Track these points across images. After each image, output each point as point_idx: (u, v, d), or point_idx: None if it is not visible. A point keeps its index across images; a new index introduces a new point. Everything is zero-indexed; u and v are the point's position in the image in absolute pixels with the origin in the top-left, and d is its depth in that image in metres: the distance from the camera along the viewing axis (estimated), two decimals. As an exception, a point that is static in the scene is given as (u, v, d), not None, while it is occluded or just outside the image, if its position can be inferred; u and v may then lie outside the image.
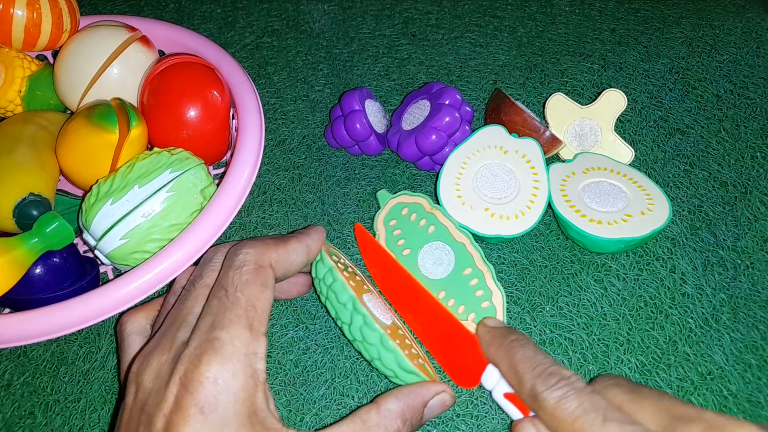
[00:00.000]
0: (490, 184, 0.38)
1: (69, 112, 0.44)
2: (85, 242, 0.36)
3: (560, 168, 0.39)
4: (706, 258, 0.38)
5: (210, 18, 0.55)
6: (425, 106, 0.41)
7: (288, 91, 0.49)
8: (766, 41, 0.50)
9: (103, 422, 0.34)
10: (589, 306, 0.36)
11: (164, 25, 0.46)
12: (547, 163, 0.39)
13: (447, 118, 0.39)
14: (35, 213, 0.35)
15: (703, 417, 0.22)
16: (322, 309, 0.37)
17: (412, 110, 0.42)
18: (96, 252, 0.36)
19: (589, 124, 0.42)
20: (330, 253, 0.33)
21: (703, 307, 0.36)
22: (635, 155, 0.42)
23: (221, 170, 0.43)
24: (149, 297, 0.33)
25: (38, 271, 0.35)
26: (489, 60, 0.50)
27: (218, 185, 0.37)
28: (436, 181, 0.38)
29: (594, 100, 0.42)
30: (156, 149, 0.37)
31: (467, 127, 0.40)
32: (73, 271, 0.36)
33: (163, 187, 0.34)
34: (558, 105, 0.42)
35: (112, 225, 0.34)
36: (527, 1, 0.55)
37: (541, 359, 0.26)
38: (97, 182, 0.35)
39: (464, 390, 0.33)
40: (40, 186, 0.36)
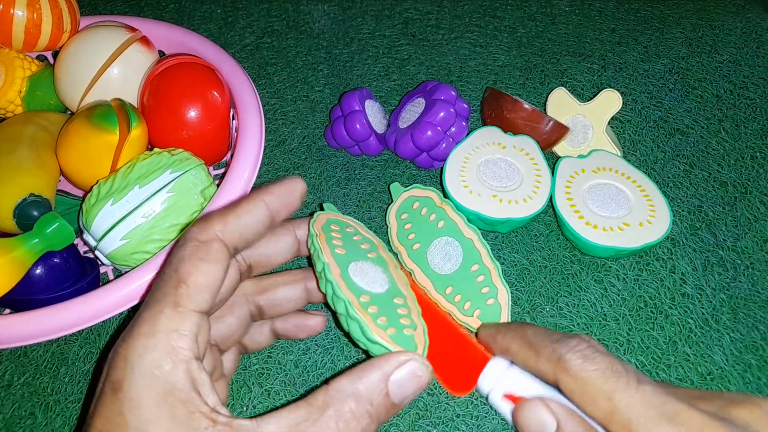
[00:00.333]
0: (494, 175, 0.39)
1: (69, 112, 0.44)
2: (86, 243, 0.36)
3: (572, 163, 0.40)
4: (706, 258, 0.38)
5: (210, 18, 0.55)
6: (420, 104, 0.41)
7: (288, 91, 0.49)
8: (766, 41, 0.50)
9: (104, 422, 0.34)
10: (588, 306, 0.36)
11: (164, 26, 0.46)
12: (557, 156, 0.40)
13: (441, 113, 0.39)
14: (35, 213, 0.35)
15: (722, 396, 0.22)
16: (322, 309, 0.37)
17: (409, 109, 0.42)
18: (96, 252, 0.36)
19: (582, 122, 0.42)
20: (327, 221, 0.31)
21: (703, 308, 0.36)
22: (636, 156, 0.42)
23: (221, 171, 0.43)
24: (149, 297, 0.33)
25: (38, 271, 0.35)
26: (489, 60, 0.50)
27: (218, 186, 0.37)
28: (441, 176, 0.39)
29: (592, 99, 0.42)
30: (156, 150, 0.37)
31: (464, 123, 0.40)
32: (73, 272, 0.36)
33: (164, 187, 0.34)
34: (559, 99, 0.43)
35: (113, 225, 0.34)
36: (527, 1, 0.55)
37: (553, 331, 0.25)
38: (97, 183, 0.35)
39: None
40: (40, 186, 0.36)
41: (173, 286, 0.23)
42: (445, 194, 0.38)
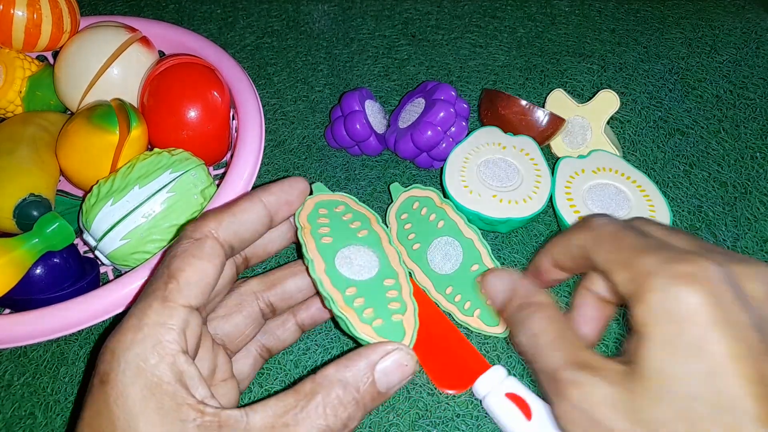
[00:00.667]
0: (494, 175, 0.39)
1: (69, 112, 0.44)
2: (86, 243, 0.36)
3: (572, 163, 0.40)
4: (705, 258, 0.38)
5: (210, 18, 0.55)
6: (420, 104, 0.42)
7: (288, 91, 0.49)
8: (766, 42, 0.50)
9: (104, 423, 0.34)
10: (589, 306, 0.36)
11: (164, 26, 0.46)
12: (557, 157, 0.40)
13: (441, 113, 0.39)
14: (35, 213, 0.35)
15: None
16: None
17: (409, 109, 0.42)
18: (96, 252, 0.36)
19: (580, 123, 0.42)
20: (315, 207, 0.30)
21: (702, 308, 0.36)
22: (635, 156, 0.42)
23: (221, 171, 0.43)
24: (149, 297, 0.33)
25: (38, 271, 0.35)
26: (489, 60, 0.50)
27: (218, 186, 0.37)
28: (441, 176, 0.39)
29: (590, 100, 0.42)
30: (156, 150, 0.37)
31: (463, 123, 0.40)
32: (73, 272, 0.36)
33: (164, 187, 0.35)
34: (557, 101, 0.43)
35: (113, 225, 0.34)
36: (527, 1, 0.55)
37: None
38: (97, 183, 0.35)
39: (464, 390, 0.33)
40: (40, 186, 0.36)
41: (164, 281, 0.23)
42: (445, 194, 0.38)
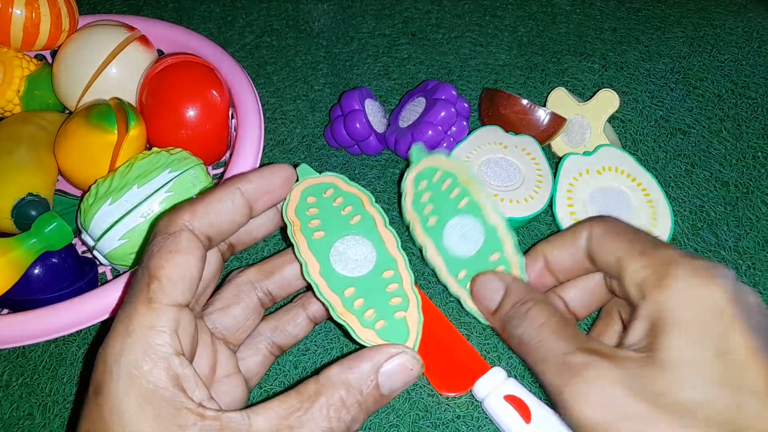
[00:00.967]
0: (495, 175, 0.38)
1: (68, 111, 0.44)
2: (84, 242, 0.36)
3: (577, 161, 0.39)
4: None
5: (209, 17, 0.55)
6: (421, 103, 0.41)
7: (287, 90, 0.49)
8: (768, 41, 0.50)
9: (102, 423, 0.34)
10: (590, 307, 0.36)
11: (163, 25, 0.46)
12: (558, 157, 0.39)
13: (442, 113, 0.39)
14: (34, 213, 0.35)
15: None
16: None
17: (409, 108, 0.42)
18: (95, 252, 0.35)
19: (580, 122, 0.41)
20: (302, 196, 0.28)
21: (704, 308, 0.36)
22: (637, 155, 0.42)
23: (220, 170, 0.43)
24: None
25: (37, 271, 0.35)
26: (489, 59, 0.50)
27: (217, 185, 0.36)
28: None
29: (590, 99, 0.42)
30: (155, 149, 0.37)
31: (464, 123, 0.40)
32: (71, 272, 0.36)
33: (162, 187, 0.34)
34: (558, 99, 0.42)
35: (111, 225, 0.34)
36: (528, 0, 0.54)
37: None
38: (95, 182, 0.35)
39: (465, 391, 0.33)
40: (38, 186, 0.36)
41: (145, 282, 0.22)
42: None
